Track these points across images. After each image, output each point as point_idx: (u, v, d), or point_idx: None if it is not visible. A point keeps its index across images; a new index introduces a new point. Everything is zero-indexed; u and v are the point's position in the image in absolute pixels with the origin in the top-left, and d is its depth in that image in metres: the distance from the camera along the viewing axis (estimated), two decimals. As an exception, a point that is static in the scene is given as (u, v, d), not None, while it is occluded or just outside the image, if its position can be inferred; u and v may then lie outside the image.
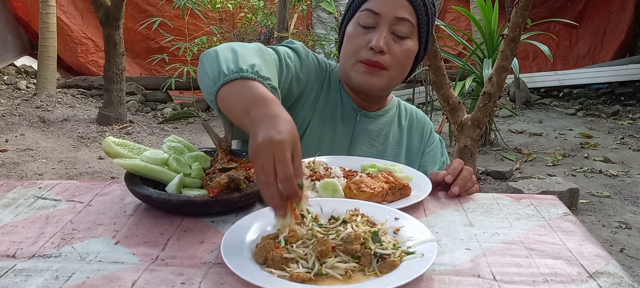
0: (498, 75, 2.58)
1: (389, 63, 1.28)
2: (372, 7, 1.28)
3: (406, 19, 1.28)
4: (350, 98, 1.40)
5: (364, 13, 1.29)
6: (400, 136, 1.45)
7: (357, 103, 1.40)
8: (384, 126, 1.43)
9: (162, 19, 6.22)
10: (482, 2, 4.60)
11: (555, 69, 7.93)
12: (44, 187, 1.13)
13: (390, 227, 0.91)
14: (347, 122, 1.39)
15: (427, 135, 1.50)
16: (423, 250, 0.83)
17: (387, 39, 1.27)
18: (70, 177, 4.21)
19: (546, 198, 1.14)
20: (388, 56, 1.28)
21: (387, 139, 1.42)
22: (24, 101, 6.10)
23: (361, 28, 1.30)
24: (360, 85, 1.32)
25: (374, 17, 1.28)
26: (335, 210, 0.95)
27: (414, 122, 1.49)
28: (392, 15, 1.27)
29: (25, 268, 0.80)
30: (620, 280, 0.81)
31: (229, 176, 0.98)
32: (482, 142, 5.25)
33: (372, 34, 1.28)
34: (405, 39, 1.29)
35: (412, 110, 1.51)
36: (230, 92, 0.98)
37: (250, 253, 0.84)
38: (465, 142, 2.70)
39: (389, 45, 1.28)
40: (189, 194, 1.00)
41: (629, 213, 3.72)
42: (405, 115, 1.48)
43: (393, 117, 1.45)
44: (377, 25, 1.28)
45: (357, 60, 1.30)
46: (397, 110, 1.47)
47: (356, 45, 1.30)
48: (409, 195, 1.09)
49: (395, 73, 1.31)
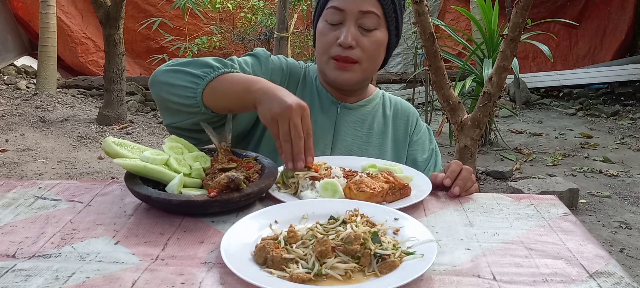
0: (498, 75, 2.58)
1: (359, 56, 1.31)
2: (336, 4, 1.31)
3: (371, 11, 1.30)
4: (328, 93, 1.42)
5: (329, 10, 1.32)
6: (385, 125, 1.46)
7: (336, 96, 1.42)
8: (367, 116, 1.44)
9: (162, 19, 6.22)
10: (482, 2, 4.60)
11: (555, 69, 7.93)
12: (44, 187, 1.13)
13: (390, 228, 0.91)
14: (328, 115, 1.40)
15: (413, 123, 1.50)
16: (423, 250, 0.83)
17: (355, 33, 1.30)
18: (70, 177, 4.21)
19: (546, 198, 1.14)
20: (358, 50, 1.31)
21: (371, 128, 1.43)
22: (24, 101, 6.10)
23: (329, 25, 1.32)
24: (335, 81, 1.35)
25: (340, 14, 1.31)
26: (335, 211, 0.95)
27: (399, 112, 1.49)
28: (356, 9, 1.29)
29: (25, 268, 0.80)
30: (620, 280, 0.80)
31: (228, 176, 0.98)
32: (482, 142, 5.25)
33: (340, 30, 1.30)
34: (372, 31, 1.32)
35: (397, 100, 1.52)
36: (220, 84, 1.13)
37: (250, 254, 0.84)
38: (465, 142, 2.70)
39: (357, 39, 1.30)
40: (189, 194, 1.00)
41: (629, 213, 3.72)
42: (389, 105, 1.49)
43: (377, 107, 1.46)
44: (343, 21, 1.31)
45: (329, 57, 1.33)
46: (382, 101, 1.49)
47: (326, 42, 1.33)
48: (408, 195, 1.09)
49: (368, 65, 1.34)
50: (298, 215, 0.96)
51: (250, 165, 1.11)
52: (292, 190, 1.09)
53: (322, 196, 1.06)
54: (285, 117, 1.04)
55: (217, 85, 1.14)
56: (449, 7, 8.05)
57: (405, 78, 7.25)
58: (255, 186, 1.01)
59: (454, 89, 2.86)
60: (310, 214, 0.96)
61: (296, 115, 1.04)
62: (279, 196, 1.06)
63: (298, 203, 1.02)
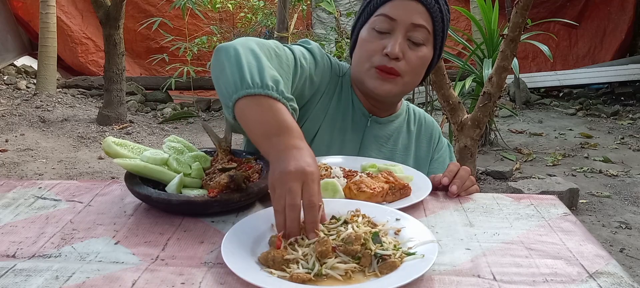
0: (498, 75, 2.59)
1: (403, 70, 1.26)
2: (388, 13, 1.25)
3: (422, 25, 1.25)
4: (361, 103, 1.37)
5: (379, 18, 1.27)
6: (409, 142, 1.43)
7: (368, 108, 1.38)
8: (394, 132, 1.41)
9: (162, 19, 6.22)
10: (482, 2, 4.59)
11: (555, 69, 7.93)
12: (44, 187, 1.13)
13: (392, 228, 0.91)
14: (357, 128, 1.37)
15: (436, 140, 1.48)
16: (424, 251, 0.83)
17: (403, 45, 1.25)
18: (70, 177, 4.21)
19: (546, 198, 1.14)
20: (403, 63, 1.25)
21: (396, 144, 1.41)
22: (24, 101, 6.10)
23: (376, 33, 1.27)
24: (374, 90, 1.29)
25: (390, 23, 1.25)
26: (337, 211, 0.95)
27: (423, 128, 1.47)
28: (409, 21, 1.24)
29: (25, 268, 0.80)
30: (620, 280, 0.80)
31: (229, 176, 0.97)
32: (482, 142, 5.25)
33: (387, 40, 1.25)
34: (420, 46, 1.27)
35: (421, 114, 1.49)
36: (251, 107, 0.98)
37: (250, 254, 0.84)
38: (465, 142, 2.70)
39: (404, 51, 1.25)
40: (189, 194, 1.00)
41: (629, 213, 3.72)
42: (414, 120, 1.46)
43: (402, 123, 1.43)
44: (392, 30, 1.25)
45: (371, 65, 1.27)
46: (407, 115, 1.45)
47: (370, 50, 1.27)
48: (409, 195, 1.09)
49: (410, 79, 1.29)
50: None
51: (250, 165, 1.11)
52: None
53: (322, 196, 1.06)
54: (282, 183, 0.86)
55: (248, 105, 0.98)
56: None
57: (405, 78, 7.24)
58: (255, 186, 1.01)
59: (454, 89, 2.87)
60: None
61: (294, 179, 0.85)
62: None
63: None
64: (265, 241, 0.88)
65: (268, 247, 0.86)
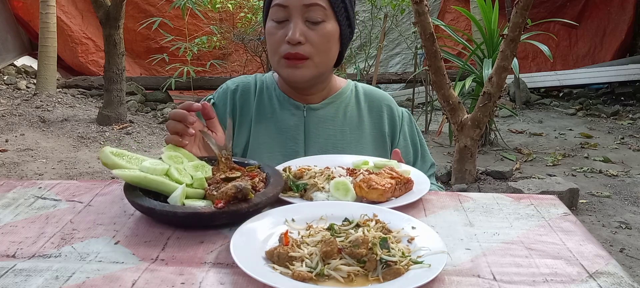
0: (498, 75, 2.59)
1: (309, 52, 1.28)
2: (279, 1, 1.28)
3: (315, 3, 1.26)
4: (290, 97, 1.40)
5: (274, 8, 1.29)
6: (360, 119, 1.42)
7: (301, 100, 1.40)
8: (337, 112, 1.41)
9: (162, 19, 6.23)
10: (482, 2, 4.59)
11: (555, 69, 7.93)
12: (44, 187, 1.13)
13: (405, 235, 0.90)
14: (296, 121, 1.38)
15: (398, 123, 1.45)
16: (431, 260, 0.81)
17: (302, 28, 1.26)
18: (70, 177, 4.21)
19: (546, 198, 1.14)
20: (307, 45, 1.27)
21: (344, 124, 1.40)
22: (24, 101, 6.10)
23: (276, 24, 1.29)
24: (289, 79, 1.33)
25: (284, 10, 1.27)
26: (350, 214, 0.94)
27: (374, 104, 1.45)
28: (300, 3, 1.26)
29: (25, 268, 0.80)
30: (620, 280, 0.80)
31: (236, 186, 0.94)
32: (482, 142, 5.25)
33: (287, 28, 1.28)
34: (320, 24, 1.28)
35: (367, 89, 1.47)
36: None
37: (259, 248, 0.84)
38: (465, 142, 2.70)
39: (305, 34, 1.27)
40: (194, 206, 0.95)
41: (629, 213, 3.72)
42: (363, 98, 1.45)
43: (348, 101, 1.43)
44: (289, 17, 1.27)
45: (280, 56, 1.30)
46: (354, 93, 1.45)
47: (275, 41, 1.30)
48: (411, 188, 1.10)
49: (320, 60, 1.30)
50: (316, 216, 0.95)
51: (254, 173, 1.06)
52: (298, 194, 1.07)
53: (333, 196, 1.05)
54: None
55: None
56: (449, 7, 8.05)
57: (405, 78, 7.25)
58: (263, 196, 0.97)
59: (454, 89, 2.87)
60: (329, 216, 0.95)
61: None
62: (289, 199, 1.04)
63: (313, 204, 1.00)
64: (275, 237, 0.88)
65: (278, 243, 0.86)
